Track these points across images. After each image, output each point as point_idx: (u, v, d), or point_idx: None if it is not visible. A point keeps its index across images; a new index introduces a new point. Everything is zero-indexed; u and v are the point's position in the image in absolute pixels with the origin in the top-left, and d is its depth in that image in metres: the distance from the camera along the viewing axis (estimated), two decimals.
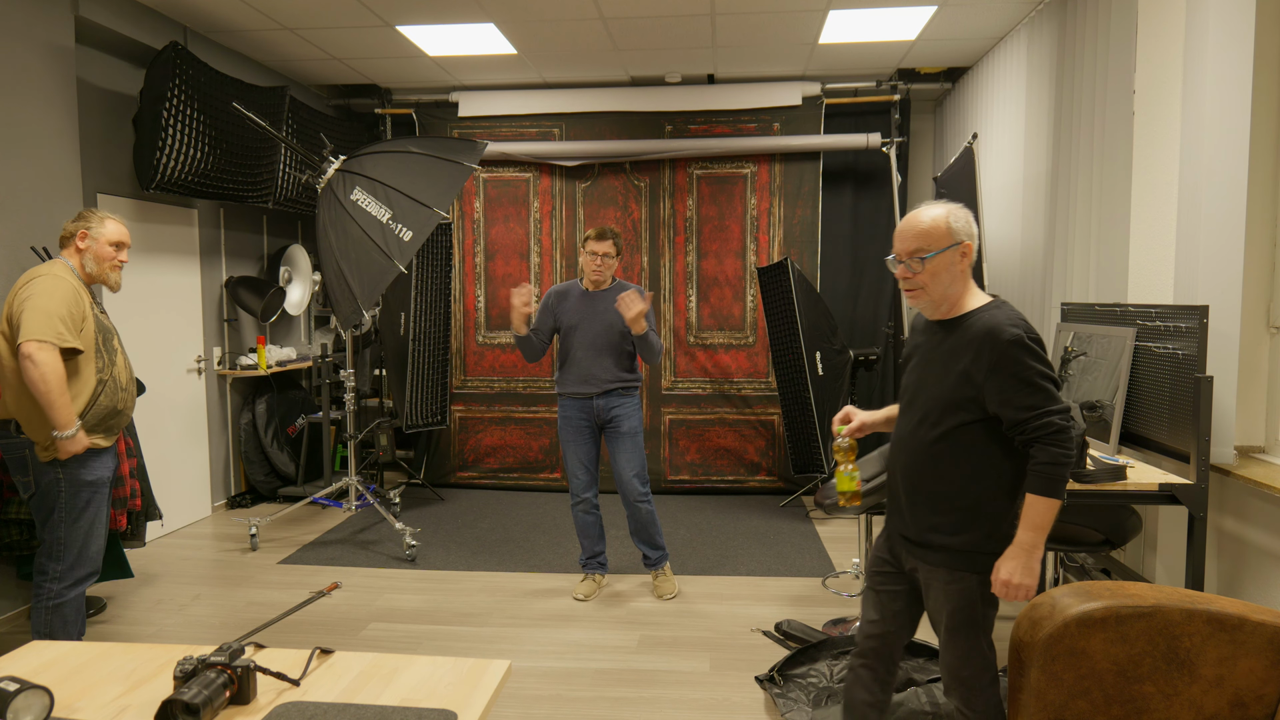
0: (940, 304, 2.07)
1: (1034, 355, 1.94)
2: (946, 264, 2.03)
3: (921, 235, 2.03)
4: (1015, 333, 1.94)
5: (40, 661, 1.64)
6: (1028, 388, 1.93)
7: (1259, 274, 2.88)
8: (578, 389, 4.01)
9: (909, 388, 2.16)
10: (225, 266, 5.71)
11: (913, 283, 2.06)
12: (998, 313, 2.00)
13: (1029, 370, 1.93)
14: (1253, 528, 2.88)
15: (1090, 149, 3.86)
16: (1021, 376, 1.93)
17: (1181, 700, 1.67)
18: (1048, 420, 1.93)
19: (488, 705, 1.47)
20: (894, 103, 6.06)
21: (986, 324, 1.97)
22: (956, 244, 2.03)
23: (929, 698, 2.76)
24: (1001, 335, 1.94)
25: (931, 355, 2.09)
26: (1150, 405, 3.08)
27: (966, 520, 2.03)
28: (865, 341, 6.42)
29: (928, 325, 2.16)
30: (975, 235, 2.07)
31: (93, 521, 3.03)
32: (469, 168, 4.54)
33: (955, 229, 2.03)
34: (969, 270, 2.07)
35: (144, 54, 4.69)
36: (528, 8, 4.62)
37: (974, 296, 2.08)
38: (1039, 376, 1.93)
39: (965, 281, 2.07)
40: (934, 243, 2.02)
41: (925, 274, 2.03)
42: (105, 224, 3.12)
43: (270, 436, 5.89)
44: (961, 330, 2.03)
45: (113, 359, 3.09)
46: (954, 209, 2.05)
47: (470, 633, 3.71)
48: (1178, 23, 3.25)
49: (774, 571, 4.47)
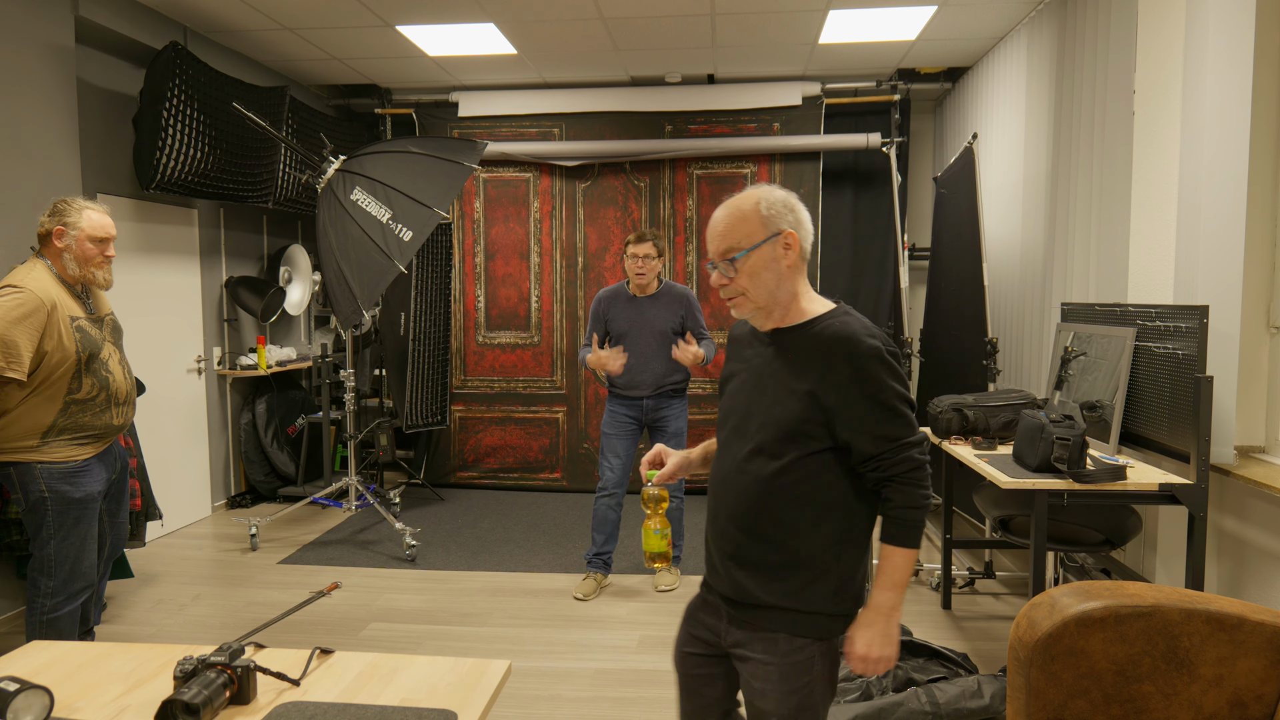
0: (770, 310, 1.71)
1: (894, 374, 1.63)
2: (765, 261, 1.67)
3: (729, 231, 1.69)
4: (874, 344, 1.62)
5: (40, 661, 1.64)
6: (887, 413, 1.62)
7: (1259, 274, 2.88)
8: (628, 391, 4.06)
9: (733, 412, 1.77)
10: (225, 266, 5.71)
11: (731, 289, 1.70)
12: (849, 320, 1.67)
13: (888, 392, 1.62)
14: (1253, 528, 2.88)
15: (1090, 149, 3.86)
16: (880, 399, 1.62)
17: (1181, 700, 1.67)
18: (907, 455, 1.63)
19: (488, 705, 1.47)
20: (894, 103, 6.06)
21: (837, 332, 1.64)
22: (775, 235, 1.67)
23: (929, 698, 2.76)
24: (858, 346, 1.61)
25: (764, 373, 1.72)
26: (1150, 405, 3.08)
27: (810, 574, 1.67)
28: None
29: (753, 336, 1.79)
30: (803, 222, 1.71)
31: (84, 538, 2.90)
32: (469, 168, 4.54)
33: (770, 217, 1.67)
34: (800, 266, 1.71)
35: (144, 54, 4.69)
36: (528, 8, 4.62)
37: (812, 300, 1.73)
38: (899, 400, 1.63)
39: (796, 281, 1.71)
40: (745, 238, 1.67)
41: (742, 276, 1.68)
42: (83, 215, 2.82)
43: (270, 436, 5.89)
44: (803, 341, 1.68)
45: (105, 380, 2.89)
46: (767, 193, 1.69)
47: (470, 633, 3.71)
48: (1178, 23, 3.25)
49: None
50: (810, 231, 1.73)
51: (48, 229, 2.83)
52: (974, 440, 3.48)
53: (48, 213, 2.86)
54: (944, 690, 2.79)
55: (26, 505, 2.85)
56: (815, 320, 1.69)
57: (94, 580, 3.01)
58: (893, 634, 1.66)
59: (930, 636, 3.55)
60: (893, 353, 1.65)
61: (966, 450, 3.36)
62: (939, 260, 5.51)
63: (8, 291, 2.71)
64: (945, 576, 3.93)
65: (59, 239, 2.82)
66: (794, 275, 1.70)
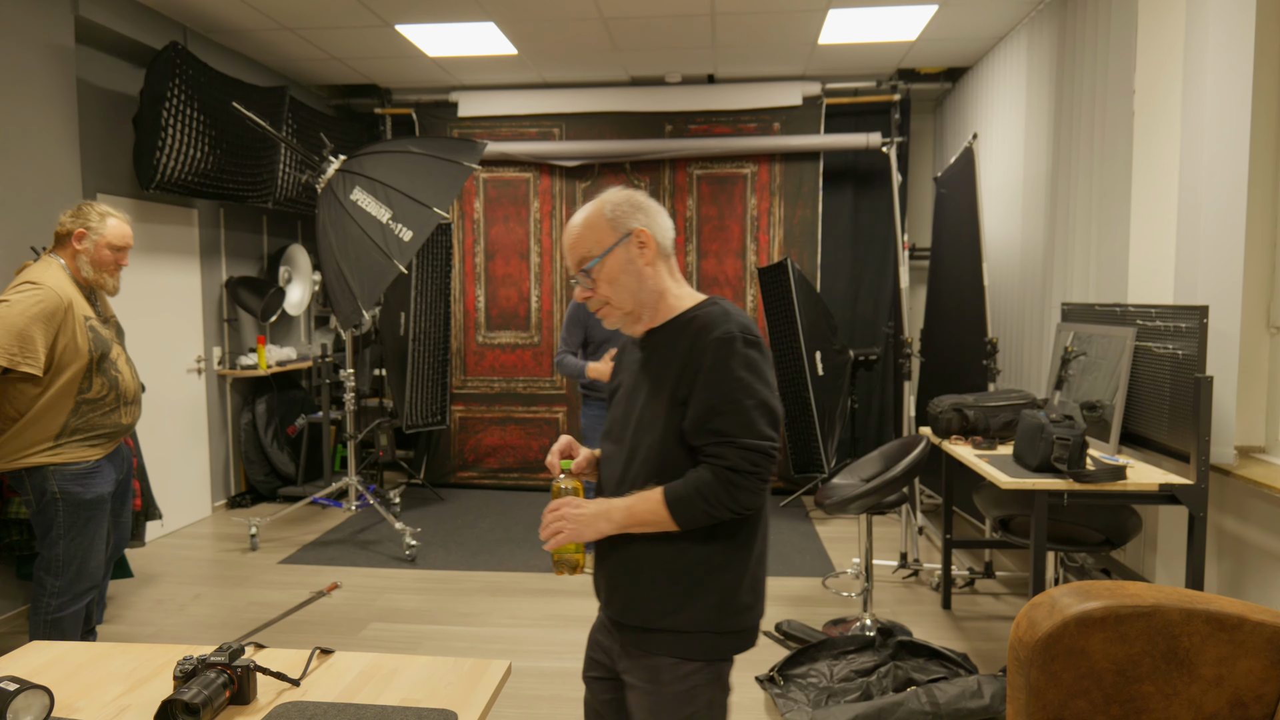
0: (639, 314, 1.63)
1: (747, 365, 1.50)
2: (622, 265, 1.60)
3: (579, 241, 1.62)
4: (726, 330, 1.51)
5: (40, 661, 1.64)
6: (725, 404, 1.48)
7: (1259, 274, 2.88)
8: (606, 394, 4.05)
9: (614, 423, 1.68)
10: (225, 266, 5.71)
11: (595, 300, 1.62)
12: (714, 309, 1.57)
13: (732, 384, 1.49)
14: (1253, 528, 2.88)
15: (1090, 149, 3.86)
16: (720, 388, 1.49)
17: (1181, 700, 1.67)
18: (725, 451, 1.48)
19: (488, 705, 1.47)
20: (894, 103, 6.06)
21: (701, 323, 1.55)
22: (626, 235, 1.60)
23: (929, 698, 2.76)
24: (710, 333, 1.51)
25: (639, 379, 1.63)
26: (1150, 405, 3.08)
27: (691, 590, 1.54)
28: (865, 341, 6.42)
29: (633, 343, 1.73)
30: (654, 216, 1.63)
31: (92, 538, 2.92)
32: (469, 168, 4.54)
33: (617, 218, 1.60)
34: (659, 263, 1.64)
35: (144, 54, 4.69)
36: (528, 7, 4.62)
37: (681, 296, 1.65)
38: (743, 393, 1.48)
39: (660, 278, 1.63)
40: (596, 245, 1.60)
41: (602, 285, 1.60)
42: (106, 223, 2.87)
43: (270, 436, 5.89)
44: (669, 337, 1.60)
45: (115, 380, 2.92)
46: (610, 195, 1.63)
47: (470, 633, 3.71)
48: (1178, 23, 3.25)
49: (774, 571, 4.47)
50: (666, 225, 1.65)
51: (69, 229, 2.86)
52: (974, 440, 3.49)
53: (70, 213, 2.88)
54: (944, 690, 2.79)
55: (37, 506, 2.85)
56: (681, 315, 1.61)
57: (99, 580, 3.01)
58: (596, 528, 1.54)
59: (930, 636, 3.55)
60: (751, 342, 1.52)
61: (966, 450, 3.36)
62: (939, 260, 5.51)
63: (26, 288, 2.73)
64: (945, 576, 3.93)
65: (79, 241, 2.86)
66: (656, 273, 1.63)
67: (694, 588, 1.54)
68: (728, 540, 1.56)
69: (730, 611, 1.56)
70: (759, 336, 1.55)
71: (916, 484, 4.94)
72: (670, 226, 1.67)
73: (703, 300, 1.63)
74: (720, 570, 1.55)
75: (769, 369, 1.55)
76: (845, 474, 3.69)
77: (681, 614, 1.54)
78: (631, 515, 1.53)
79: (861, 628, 3.53)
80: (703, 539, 1.54)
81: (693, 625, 1.54)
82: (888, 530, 5.12)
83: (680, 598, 1.54)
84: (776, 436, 1.52)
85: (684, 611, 1.54)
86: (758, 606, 1.60)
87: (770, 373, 1.55)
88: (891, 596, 4.08)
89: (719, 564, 1.55)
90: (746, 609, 1.57)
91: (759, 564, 1.60)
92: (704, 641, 1.55)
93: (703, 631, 1.54)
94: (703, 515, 1.49)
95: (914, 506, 4.69)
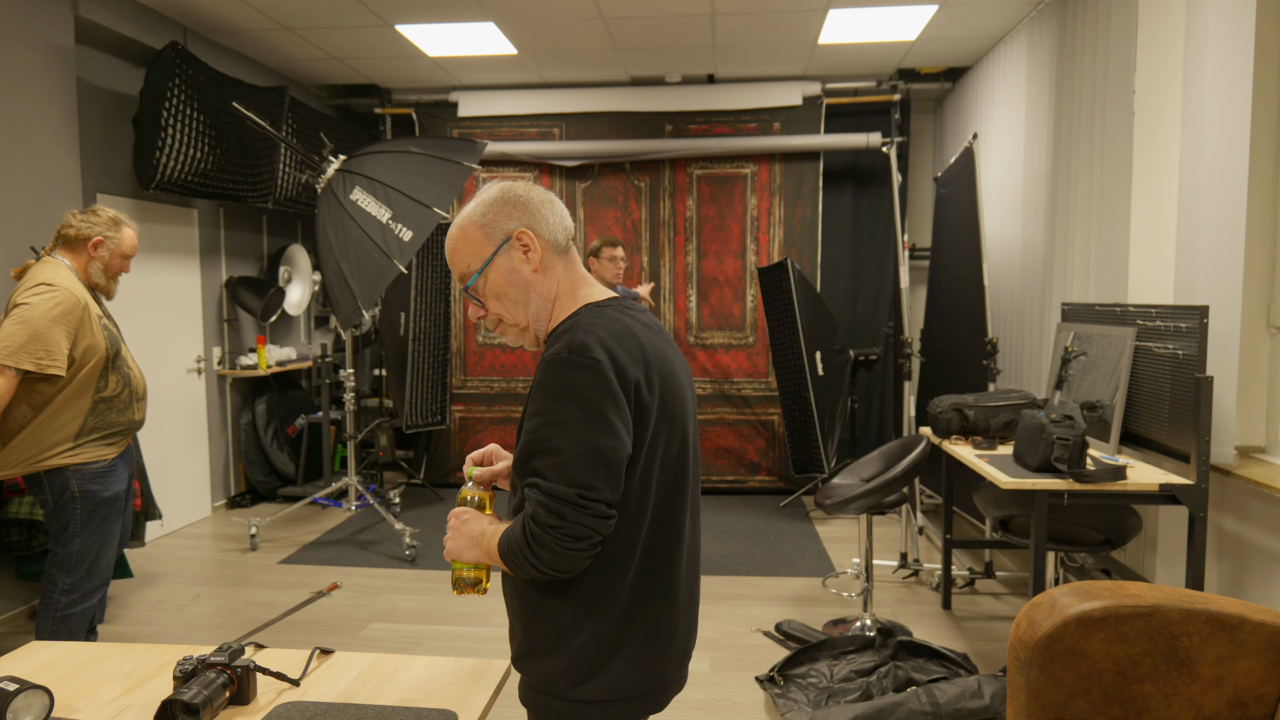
0: (535, 329, 1.42)
1: (568, 390, 1.26)
2: (505, 275, 1.39)
3: (455, 254, 1.41)
4: (554, 350, 1.29)
5: (40, 661, 1.64)
6: (535, 439, 1.28)
7: (1259, 274, 2.88)
8: None
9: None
10: (225, 266, 5.71)
11: (490, 318, 1.43)
12: (579, 318, 1.34)
13: (546, 414, 1.27)
14: (1253, 528, 2.88)
15: (1090, 149, 3.86)
16: (534, 418, 1.29)
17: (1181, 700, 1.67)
18: (530, 494, 1.27)
19: (487, 705, 1.47)
20: (894, 103, 6.06)
21: (552, 339, 1.34)
22: (505, 241, 1.38)
23: (929, 698, 2.76)
24: (548, 351, 1.31)
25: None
26: (1150, 405, 3.08)
27: (542, 643, 1.37)
28: (865, 341, 6.42)
29: None
30: (536, 212, 1.40)
31: (106, 536, 2.94)
32: (469, 168, 4.54)
33: (491, 224, 1.39)
34: (552, 264, 1.41)
35: (144, 54, 4.69)
36: (528, 7, 4.62)
37: (576, 300, 1.42)
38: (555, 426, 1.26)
39: (552, 283, 1.41)
40: (473, 257, 1.39)
41: (489, 301, 1.41)
42: (122, 232, 2.91)
43: (270, 436, 5.89)
44: (546, 349, 1.36)
45: (127, 376, 2.95)
46: (483, 197, 1.42)
47: (470, 633, 3.71)
48: (1178, 23, 3.25)
49: (774, 571, 4.47)
50: (555, 217, 1.42)
51: (83, 234, 2.87)
52: (974, 440, 3.49)
53: (80, 216, 2.89)
54: (944, 690, 2.79)
55: (55, 505, 2.86)
56: (558, 326, 1.38)
57: (109, 578, 3.04)
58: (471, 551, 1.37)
59: (930, 636, 3.55)
60: (585, 364, 1.26)
61: (966, 450, 3.37)
62: (939, 260, 5.51)
63: (43, 290, 2.73)
64: (945, 576, 3.93)
65: (96, 248, 2.88)
66: (546, 278, 1.40)
67: (548, 642, 1.36)
68: (581, 597, 1.34)
69: (580, 679, 1.34)
70: (602, 357, 1.26)
71: (916, 484, 4.94)
72: (561, 217, 1.43)
73: (583, 305, 1.39)
74: (571, 630, 1.34)
75: (609, 397, 1.26)
76: (845, 474, 3.69)
77: (536, 667, 1.38)
78: (489, 550, 1.35)
79: (861, 628, 3.53)
80: (554, 591, 1.34)
81: (543, 684, 1.38)
82: (888, 530, 5.12)
83: (536, 650, 1.38)
84: (598, 485, 1.25)
85: (538, 665, 1.38)
86: (636, 680, 1.37)
87: (612, 402, 1.26)
88: (891, 596, 4.08)
89: (569, 624, 1.34)
90: (609, 680, 1.35)
91: (634, 628, 1.36)
92: (552, 705, 1.37)
93: (550, 694, 1.37)
94: (517, 568, 1.30)
95: (914, 506, 4.69)
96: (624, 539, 1.34)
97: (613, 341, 1.30)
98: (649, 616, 1.38)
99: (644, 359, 1.33)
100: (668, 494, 1.39)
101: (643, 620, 1.38)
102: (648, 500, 1.36)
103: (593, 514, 1.26)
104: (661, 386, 1.35)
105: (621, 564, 1.35)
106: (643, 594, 1.37)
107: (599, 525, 1.27)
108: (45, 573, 2.92)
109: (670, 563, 1.41)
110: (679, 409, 1.40)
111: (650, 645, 1.38)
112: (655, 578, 1.39)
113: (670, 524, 1.40)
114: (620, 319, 1.35)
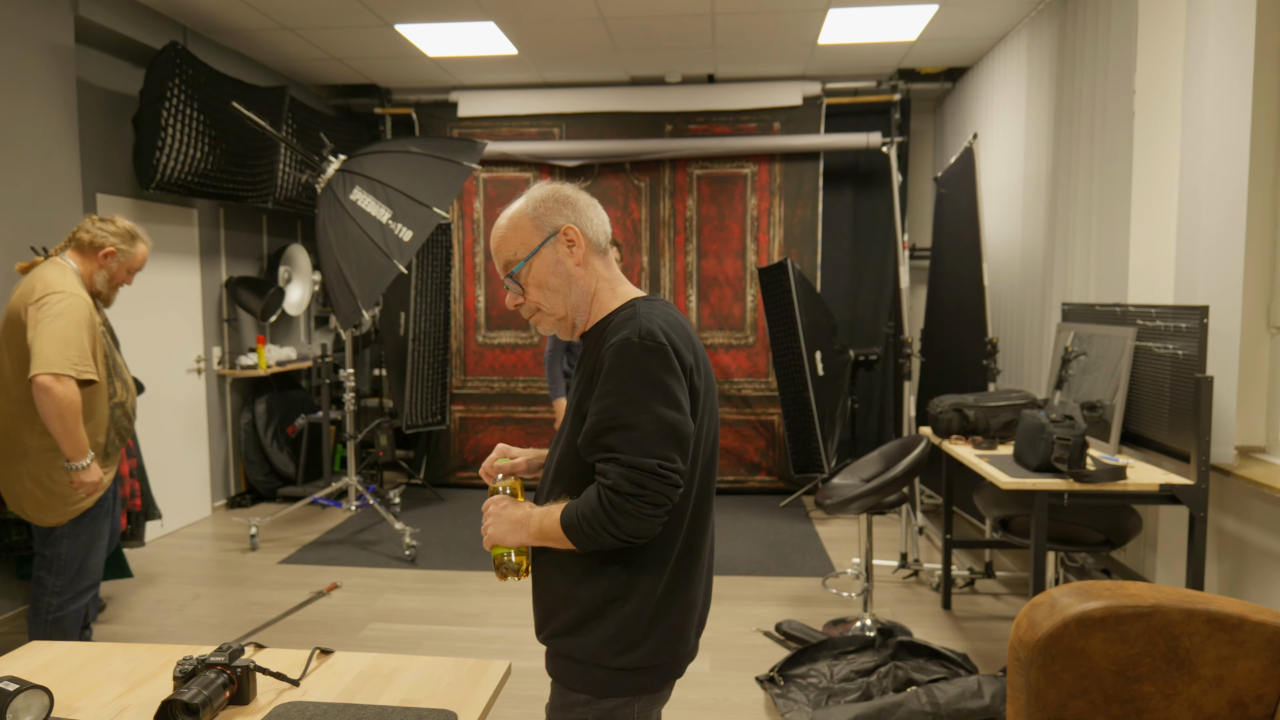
0: (573, 320, 1.53)
1: (640, 372, 1.35)
2: (549, 267, 1.49)
3: (503, 244, 1.51)
4: (623, 335, 1.37)
5: (40, 661, 1.64)
6: (610, 417, 1.36)
7: (1259, 274, 2.88)
8: None
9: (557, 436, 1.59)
10: (225, 266, 5.71)
11: (526, 306, 1.53)
12: (627, 310, 1.45)
13: (620, 394, 1.35)
14: (1253, 528, 2.88)
15: (1090, 149, 3.86)
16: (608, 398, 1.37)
17: (1181, 700, 1.67)
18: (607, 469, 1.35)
19: (487, 705, 1.47)
20: (894, 103, 6.06)
21: (611, 327, 1.43)
22: (552, 235, 1.49)
23: (929, 698, 2.76)
24: (613, 338, 1.39)
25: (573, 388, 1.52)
26: (1150, 405, 3.08)
27: (589, 617, 1.44)
28: (865, 341, 6.42)
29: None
30: (583, 211, 1.52)
31: (94, 537, 2.93)
32: (469, 167, 4.54)
33: (541, 217, 1.49)
34: (593, 261, 1.52)
35: (144, 54, 4.69)
36: (528, 7, 4.62)
37: (616, 295, 1.53)
38: (631, 404, 1.34)
39: (591, 279, 1.51)
40: (521, 246, 1.49)
41: (531, 289, 1.51)
42: (136, 248, 2.90)
43: (270, 436, 5.89)
44: (593, 340, 1.49)
45: (126, 382, 2.94)
46: (534, 192, 1.52)
47: (470, 633, 3.71)
48: (1178, 23, 3.25)
49: (774, 571, 4.47)
50: (599, 219, 1.54)
51: (99, 243, 2.83)
52: (974, 440, 3.49)
53: (98, 221, 2.86)
54: (944, 690, 2.79)
55: None
56: (607, 318, 1.49)
57: (99, 578, 3.03)
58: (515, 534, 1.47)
59: (930, 636, 3.55)
60: (653, 348, 1.36)
61: (966, 450, 3.37)
62: (939, 260, 5.51)
63: (57, 298, 2.68)
64: (945, 576, 3.93)
65: (107, 258, 2.85)
66: (588, 273, 1.51)
67: (592, 615, 1.44)
68: (631, 569, 1.43)
69: (626, 647, 1.43)
70: (666, 342, 1.37)
71: (916, 484, 4.94)
72: (603, 220, 1.55)
73: (630, 299, 1.50)
74: (620, 601, 1.43)
75: (675, 378, 1.38)
76: (845, 474, 3.69)
77: (576, 641, 1.46)
78: (540, 529, 1.44)
79: (861, 628, 3.53)
80: (604, 564, 1.43)
81: (584, 655, 1.45)
82: (888, 530, 5.12)
83: (578, 624, 1.45)
84: (673, 456, 1.36)
85: (579, 638, 1.45)
86: (669, 647, 1.47)
87: (677, 382, 1.38)
88: (891, 596, 4.08)
89: (619, 594, 1.43)
90: (649, 648, 1.44)
91: (674, 598, 1.46)
92: (592, 675, 1.45)
93: (592, 664, 1.45)
94: (589, 539, 1.38)
95: (914, 506, 4.69)
96: (677, 512, 1.45)
97: (670, 330, 1.41)
98: (686, 588, 1.49)
99: (693, 347, 1.46)
100: (705, 472, 1.50)
101: (682, 592, 1.48)
102: (695, 476, 1.47)
103: (670, 483, 1.36)
104: (705, 373, 1.48)
105: (672, 536, 1.45)
106: (683, 566, 1.48)
107: (673, 494, 1.37)
108: (34, 575, 2.90)
109: (704, 537, 1.52)
110: (712, 395, 1.52)
111: (685, 616, 1.49)
112: (693, 551, 1.50)
113: (706, 500, 1.52)
114: (669, 311, 1.48)
